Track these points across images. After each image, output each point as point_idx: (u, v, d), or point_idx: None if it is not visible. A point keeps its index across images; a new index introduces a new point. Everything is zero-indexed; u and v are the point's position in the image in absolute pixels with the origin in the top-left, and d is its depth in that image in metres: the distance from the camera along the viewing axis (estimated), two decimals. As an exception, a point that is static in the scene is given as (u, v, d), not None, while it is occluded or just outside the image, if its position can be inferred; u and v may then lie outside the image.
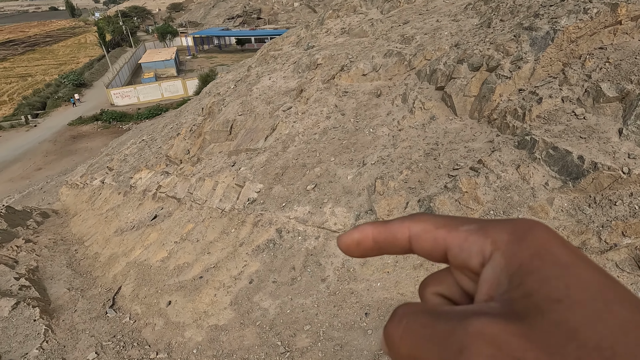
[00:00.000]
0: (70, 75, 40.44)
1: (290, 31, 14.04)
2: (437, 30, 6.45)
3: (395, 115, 5.28)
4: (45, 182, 19.79)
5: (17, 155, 26.14)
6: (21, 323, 4.32)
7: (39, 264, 6.93)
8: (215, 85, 14.25)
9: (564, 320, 0.16)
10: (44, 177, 22.71)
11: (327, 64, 6.88)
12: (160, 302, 4.40)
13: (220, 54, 53.27)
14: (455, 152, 4.07)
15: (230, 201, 5.22)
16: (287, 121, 5.97)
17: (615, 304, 0.17)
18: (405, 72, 6.04)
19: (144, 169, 8.58)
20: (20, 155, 26.13)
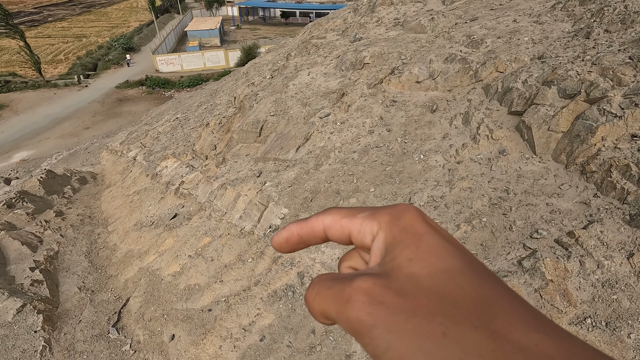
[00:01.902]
0: (121, 39, 41.40)
1: (337, 13, 12.96)
2: (513, 34, 5.31)
3: (454, 140, 4.37)
4: (91, 143, 20.48)
5: (68, 113, 27.41)
6: (22, 333, 4.07)
7: (60, 249, 6.83)
8: (254, 66, 13.59)
9: (412, 272, 0.24)
10: (90, 137, 23.62)
11: (376, 64, 5.96)
12: (164, 332, 3.97)
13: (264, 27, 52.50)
14: (533, 209, 3.17)
15: (252, 220, 4.63)
16: (323, 131, 5.21)
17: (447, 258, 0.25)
18: (470, 85, 5.03)
19: (171, 157, 8.23)
20: (71, 113, 27.39)
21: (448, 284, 0.23)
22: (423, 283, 0.24)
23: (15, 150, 23.06)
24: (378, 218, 0.28)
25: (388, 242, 0.27)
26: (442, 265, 0.24)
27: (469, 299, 0.23)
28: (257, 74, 9.91)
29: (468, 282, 0.24)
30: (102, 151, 14.44)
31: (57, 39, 43.68)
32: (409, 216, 0.28)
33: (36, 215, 8.07)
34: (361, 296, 0.24)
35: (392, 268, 0.25)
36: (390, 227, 0.27)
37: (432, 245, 0.25)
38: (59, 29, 48.56)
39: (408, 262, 0.25)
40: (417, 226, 0.27)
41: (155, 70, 34.02)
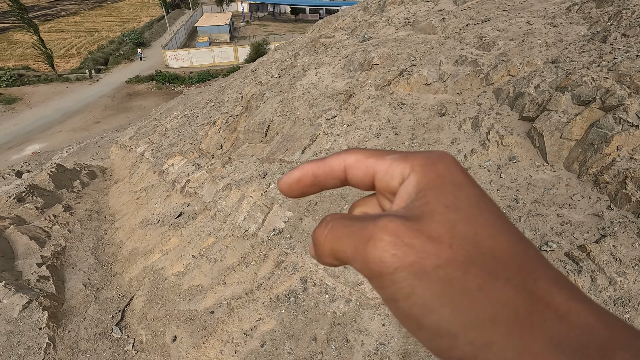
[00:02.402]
0: (132, 34, 41.74)
1: (346, 10, 12.85)
2: (526, 36, 5.18)
3: (462, 145, 4.28)
4: (101, 137, 20.74)
5: (79, 107, 27.79)
6: (27, 330, 4.11)
7: (67, 244, 6.89)
8: (262, 64, 13.55)
9: (447, 219, 0.22)
10: (101, 131, 23.92)
11: (384, 65, 5.87)
12: (167, 333, 3.98)
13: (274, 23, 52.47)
14: (543, 219, 3.08)
15: (256, 222, 4.61)
16: (330, 133, 5.15)
17: (486, 212, 0.23)
18: (480, 88, 4.92)
19: (178, 155, 8.25)
20: (82, 107, 27.76)
21: (488, 237, 0.21)
22: (461, 231, 0.21)
23: (27, 143, 23.44)
24: (411, 161, 0.26)
25: (421, 186, 0.24)
26: (482, 218, 0.22)
27: (510, 256, 0.21)
28: (265, 72, 9.88)
29: (510, 239, 0.22)
30: (111, 146, 14.58)
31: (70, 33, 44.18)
32: (447, 163, 0.25)
33: (45, 209, 8.17)
34: (387, 235, 0.22)
35: (424, 212, 0.23)
36: (425, 171, 0.25)
37: (471, 196, 0.23)
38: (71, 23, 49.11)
39: (444, 209, 0.22)
40: (456, 175, 0.25)
41: (165, 66, 34.26)
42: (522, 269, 0.21)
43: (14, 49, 38.10)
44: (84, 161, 13.69)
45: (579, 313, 0.20)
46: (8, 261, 5.81)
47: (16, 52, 37.19)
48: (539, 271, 0.21)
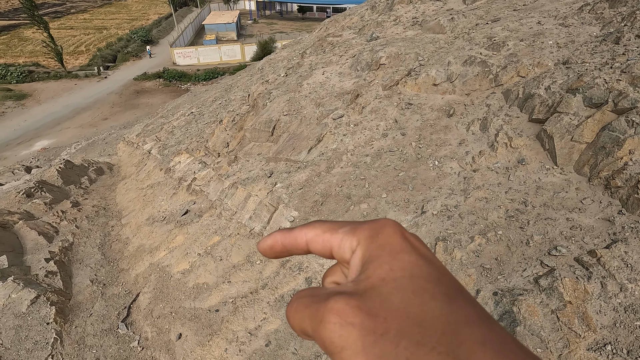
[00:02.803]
0: (140, 32, 42.01)
1: (354, 9, 12.81)
2: (537, 37, 5.11)
3: (470, 147, 4.24)
4: (108, 134, 20.93)
5: (88, 104, 28.09)
6: (35, 325, 4.16)
7: (74, 240, 6.96)
8: (269, 62, 13.55)
9: (382, 293, 0.24)
10: (108, 128, 24.14)
11: (392, 65, 5.83)
12: (172, 330, 4.00)
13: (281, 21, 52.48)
14: (552, 223, 3.04)
15: (261, 221, 4.61)
16: (336, 133, 5.14)
17: (419, 279, 0.25)
18: (489, 89, 4.87)
19: (184, 153, 8.29)
20: (90, 104, 28.05)
21: (418, 306, 0.24)
22: (393, 304, 0.24)
23: (36, 139, 23.73)
24: (358, 234, 0.29)
25: (365, 258, 0.27)
26: (414, 286, 0.25)
27: (437, 322, 0.23)
28: (271, 71, 9.88)
29: (438, 305, 0.24)
30: (119, 142, 14.69)
31: (79, 30, 44.58)
32: (387, 232, 0.28)
33: (53, 205, 8.25)
34: (333, 317, 0.24)
35: (366, 287, 0.25)
36: (368, 243, 0.28)
37: (406, 264, 0.26)
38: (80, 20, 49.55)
39: (381, 282, 0.25)
40: (394, 243, 0.27)
41: (172, 63, 34.42)
42: (447, 334, 0.22)
43: (24, 46, 38.52)
44: (91, 157, 13.81)
45: None
46: (17, 256, 5.89)
47: (26, 48, 37.60)
48: (464, 334, 0.22)
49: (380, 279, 0.25)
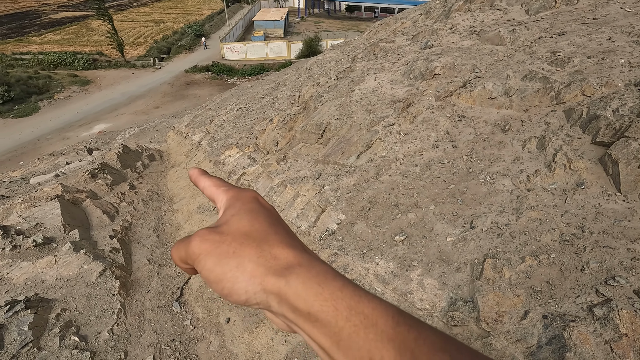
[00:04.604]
0: (193, 26, 43.97)
1: (406, 13, 12.70)
2: (607, 54, 4.89)
3: (525, 165, 4.18)
4: (159, 122, 22.23)
5: (142, 92, 29.96)
6: (102, 294, 4.66)
7: (132, 221, 7.57)
8: (317, 63, 13.78)
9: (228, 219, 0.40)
10: (159, 116, 25.61)
11: (447, 75, 5.81)
12: (220, 314, 4.32)
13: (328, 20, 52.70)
14: (611, 252, 2.97)
15: (308, 221, 4.82)
16: (386, 140, 5.23)
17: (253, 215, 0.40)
18: (549, 106, 4.74)
19: (234, 148, 8.71)
20: (144, 92, 29.91)
21: (247, 227, 0.38)
22: (234, 227, 0.38)
23: (95, 122, 25.69)
24: (228, 193, 0.44)
25: (226, 206, 0.42)
26: (248, 216, 0.39)
27: (259, 234, 0.37)
28: (321, 72, 10.08)
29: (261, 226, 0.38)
30: (168, 131, 15.59)
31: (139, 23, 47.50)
32: (246, 193, 0.44)
33: (113, 186, 9.00)
34: (197, 237, 0.38)
35: (220, 222, 0.40)
36: (232, 198, 0.43)
37: (247, 207, 0.41)
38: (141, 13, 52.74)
39: (230, 217, 0.40)
40: (246, 197, 0.43)
41: (221, 57, 35.74)
42: (263, 240, 0.37)
43: (90, 36, 41.68)
44: (143, 143, 14.77)
45: (286, 257, 0.35)
46: (85, 231, 6.54)
47: (92, 38, 40.65)
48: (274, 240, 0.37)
49: (230, 215, 0.40)
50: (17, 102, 26.45)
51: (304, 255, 0.36)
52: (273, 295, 0.34)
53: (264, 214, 0.41)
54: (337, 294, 0.32)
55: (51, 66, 32.22)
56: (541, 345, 2.59)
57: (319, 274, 0.34)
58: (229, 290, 0.35)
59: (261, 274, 0.34)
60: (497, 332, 2.82)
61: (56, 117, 25.40)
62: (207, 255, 0.37)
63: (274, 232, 0.38)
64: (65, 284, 4.73)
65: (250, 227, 0.38)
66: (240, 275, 0.35)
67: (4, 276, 4.79)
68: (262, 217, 0.40)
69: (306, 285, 0.33)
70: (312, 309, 0.32)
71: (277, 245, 0.37)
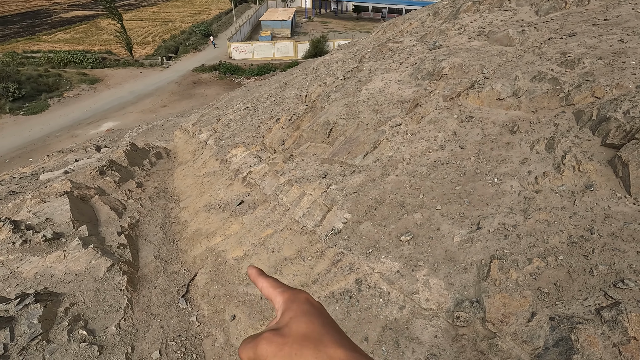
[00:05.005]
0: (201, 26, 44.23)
1: (414, 14, 12.68)
2: (618, 56, 4.84)
3: (534, 167, 4.15)
4: (166, 120, 22.40)
5: (150, 91, 30.22)
6: (110, 289, 4.71)
7: (140, 217, 7.64)
8: (324, 63, 13.79)
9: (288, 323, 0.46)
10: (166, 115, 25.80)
11: (454, 76, 5.79)
12: (226, 310, 4.35)
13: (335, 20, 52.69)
14: (620, 255, 2.94)
15: (314, 220, 4.84)
16: (393, 140, 5.22)
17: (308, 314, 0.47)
18: (558, 108, 4.71)
19: (241, 146, 8.76)
20: (152, 91, 30.16)
21: (305, 329, 0.45)
22: (294, 329, 0.45)
23: (104, 120, 25.97)
24: (284, 294, 0.51)
25: (284, 308, 0.49)
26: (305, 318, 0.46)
27: (316, 335, 0.44)
28: (328, 72, 10.10)
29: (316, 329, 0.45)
30: (175, 129, 15.70)
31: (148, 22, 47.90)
32: (300, 296, 0.51)
33: (121, 184, 9.10)
34: (263, 341, 0.45)
35: (281, 324, 0.47)
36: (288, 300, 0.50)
37: (303, 309, 0.48)
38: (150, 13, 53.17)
39: (289, 320, 0.47)
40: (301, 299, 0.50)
41: (228, 57, 35.90)
42: (319, 340, 0.43)
43: (100, 35, 42.12)
44: (151, 141, 14.89)
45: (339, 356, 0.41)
46: (94, 227, 6.62)
47: (102, 37, 41.07)
48: (328, 341, 0.43)
49: (289, 317, 0.47)
50: (27, 99, 26.83)
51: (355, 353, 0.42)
52: None
53: (317, 314, 0.48)
54: None
55: (61, 64, 32.63)
56: (548, 347, 2.57)
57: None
58: None
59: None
60: (503, 333, 2.81)
61: (65, 115, 25.72)
62: (274, 357, 0.43)
63: (327, 332, 0.45)
64: (73, 279, 4.80)
65: (306, 329, 0.45)
66: None
67: (15, 270, 4.86)
68: (316, 318, 0.47)
69: None
70: None
71: (331, 345, 0.43)
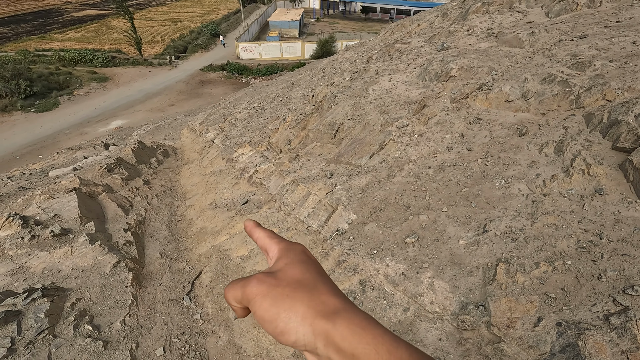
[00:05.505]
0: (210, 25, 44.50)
1: (422, 15, 12.62)
2: (630, 58, 4.77)
3: (542, 170, 4.10)
4: (174, 119, 22.57)
5: (158, 90, 30.48)
6: (116, 286, 4.75)
7: (146, 215, 7.70)
8: (331, 63, 13.79)
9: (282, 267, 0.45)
10: (174, 113, 26.00)
11: (463, 77, 5.75)
12: (230, 309, 4.35)
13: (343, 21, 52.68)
14: (630, 260, 2.89)
15: (319, 220, 4.83)
16: (400, 142, 5.20)
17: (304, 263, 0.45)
18: (568, 110, 4.65)
19: (247, 146, 8.79)
20: (160, 90, 30.42)
21: (299, 275, 0.43)
22: (288, 274, 0.43)
23: (112, 118, 26.24)
24: (280, 244, 0.49)
25: (278, 256, 0.47)
26: (300, 265, 0.44)
27: (311, 282, 0.42)
28: (335, 73, 10.09)
29: (312, 275, 0.43)
30: (182, 128, 15.81)
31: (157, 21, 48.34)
32: (296, 246, 0.49)
33: (128, 181, 9.18)
34: (254, 280, 0.43)
35: (275, 268, 0.45)
36: (283, 249, 0.48)
37: (298, 258, 0.46)
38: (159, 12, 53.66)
39: (284, 265, 0.45)
40: (296, 250, 0.48)
41: (236, 57, 36.07)
42: (313, 287, 0.42)
43: (110, 34, 42.60)
44: (158, 140, 15.01)
45: (334, 304, 0.40)
46: (101, 223, 6.69)
47: (112, 36, 41.53)
48: (323, 289, 0.42)
49: (284, 263, 0.45)
50: (38, 97, 27.23)
51: (348, 304, 0.41)
52: (321, 337, 0.38)
53: (313, 265, 0.46)
54: (378, 339, 0.36)
55: (71, 63, 33.06)
56: (554, 353, 2.53)
57: (362, 321, 0.38)
58: (282, 329, 0.39)
59: (311, 316, 0.39)
60: (508, 337, 2.77)
61: (75, 112, 26.05)
62: (264, 296, 0.41)
63: (322, 282, 0.43)
64: (80, 274, 4.85)
65: (302, 275, 0.43)
66: (293, 316, 0.39)
67: (23, 265, 4.93)
68: (312, 267, 0.45)
69: (351, 329, 0.37)
70: (356, 351, 0.35)
71: (325, 293, 0.41)
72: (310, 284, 0.42)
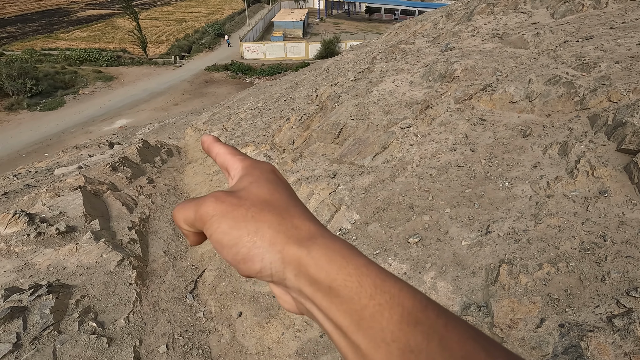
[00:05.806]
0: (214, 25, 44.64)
1: (427, 15, 12.60)
2: (636, 59, 4.74)
3: (546, 171, 4.09)
4: (178, 118, 22.67)
5: (163, 89, 30.61)
6: (120, 283, 4.79)
7: (150, 213, 7.75)
8: (335, 64, 13.80)
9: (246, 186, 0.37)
10: (178, 113, 26.12)
11: (467, 78, 5.74)
12: (233, 307, 4.38)
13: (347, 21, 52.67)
14: (634, 262, 2.88)
15: (322, 219, 4.84)
16: (403, 142, 5.20)
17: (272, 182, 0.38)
18: (573, 112, 4.63)
19: (251, 145, 8.82)
20: (165, 90, 30.56)
21: (266, 194, 0.36)
22: (253, 193, 0.36)
23: (117, 117, 26.39)
24: (245, 161, 0.41)
25: (242, 173, 0.39)
26: (268, 185, 0.37)
27: (280, 203, 0.35)
28: (339, 73, 10.10)
29: (282, 196, 0.36)
30: (186, 127, 15.88)
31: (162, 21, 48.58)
32: (264, 165, 0.41)
33: (133, 180, 9.24)
34: (211, 198, 0.35)
35: (238, 186, 0.37)
36: (247, 166, 0.40)
37: (265, 175, 0.39)
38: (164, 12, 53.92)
39: (249, 184, 0.37)
40: (263, 168, 0.40)
41: (240, 57, 36.14)
42: (284, 209, 0.34)
43: (115, 33, 42.84)
44: (162, 139, 15.09)
45: (308, 228, 0.33)
46: (105, 221, 6.75)
47: (117, 36, 41.78)
48: (295, 212, 0.35)
49: (248, 182, 0.37)
50: (44, 96, 27.44)
51: (325, 230, 0.33)
52: (292, 266, 0.31)
53: (283, 186, 0.38)
54: (362, 269, 0.29)
55: (77, 62, 33.30)
56: (557, 354, 2.53)
57: (343, 249, 0.31)
58: (244, 256, 0.32)
59: (281, 242, 0.32)
60: (511, 338, 2.77)
61: (80, 111, 26.24)
62: (223, 217, 0.34)
63: (294, 204, 0.36)
64: (85, 272, 4.89)
65: (270, 195, 0.36)
66: (258, 240, 0.32)
67: (29, 261, 4.98)
68: (282, 188, 0.38)
69: (330, 258, 0.30)
70: (334, 283, 0.28)
71: (298, 216, 0.34)
72: (281, 206, 0.35)
